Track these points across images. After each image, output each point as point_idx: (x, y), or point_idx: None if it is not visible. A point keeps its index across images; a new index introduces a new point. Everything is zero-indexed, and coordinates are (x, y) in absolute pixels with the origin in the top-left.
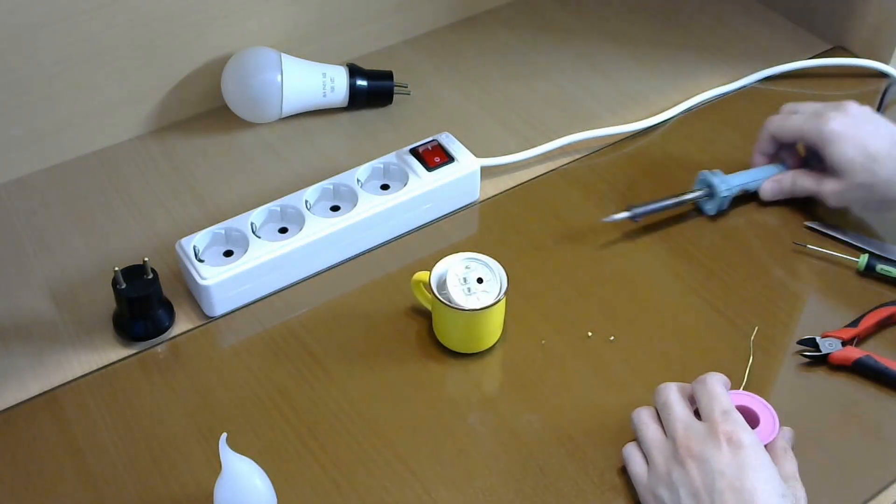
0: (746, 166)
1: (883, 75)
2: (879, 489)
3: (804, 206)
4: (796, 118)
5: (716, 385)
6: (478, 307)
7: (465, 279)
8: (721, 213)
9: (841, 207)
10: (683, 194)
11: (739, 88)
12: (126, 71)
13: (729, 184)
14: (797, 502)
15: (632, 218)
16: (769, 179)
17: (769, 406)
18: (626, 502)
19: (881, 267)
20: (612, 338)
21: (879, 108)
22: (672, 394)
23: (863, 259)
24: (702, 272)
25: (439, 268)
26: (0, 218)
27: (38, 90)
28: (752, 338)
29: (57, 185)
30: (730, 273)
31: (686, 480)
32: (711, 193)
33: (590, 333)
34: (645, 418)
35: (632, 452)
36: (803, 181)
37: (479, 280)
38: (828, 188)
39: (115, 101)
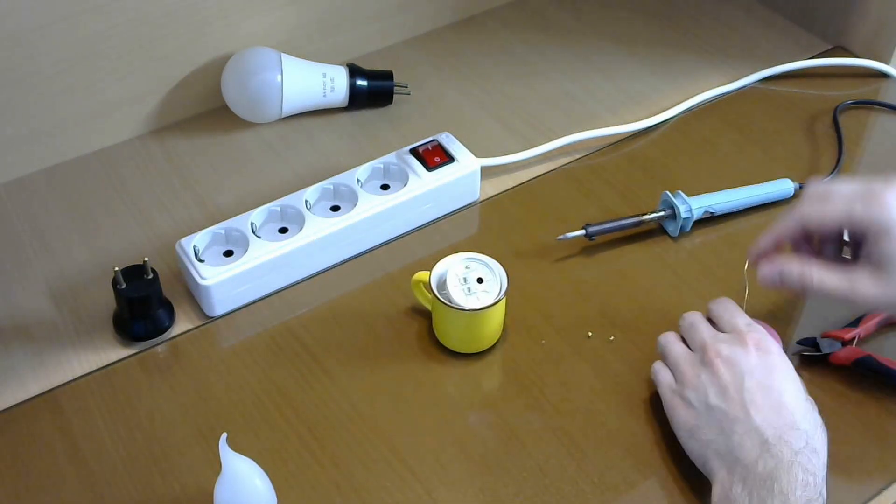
0: (745, 167)
1: (883, 75)
2: (879, 489)
3: None
4: (836, 204)
5: (732, 303)
6: (478, 307)
7: (465, 279)
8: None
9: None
10: (644, 214)
11: (739, 88)
12: (126, 71)
13: (690, 206)
14: (815, 409)
15: (587, 236)
16: (767, 264)
17: (773, 330)
18: (626, 502)
19: None
20: (612, 338)
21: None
22: (697, 316)
23: None
24: (702, 272)
25: (439, 268)
26: (0, 218)
27: (37, 90)
28: (745, 268)
29: (57, 185)
30: (730, 273)
31: (714, 379)
32: (674, 215)
33: (590, 333)
34: (672, 339)
35: (659, 368)
36: (827, 280)
37: (479, 280)
38: (866, 292)
39: (115, 101)
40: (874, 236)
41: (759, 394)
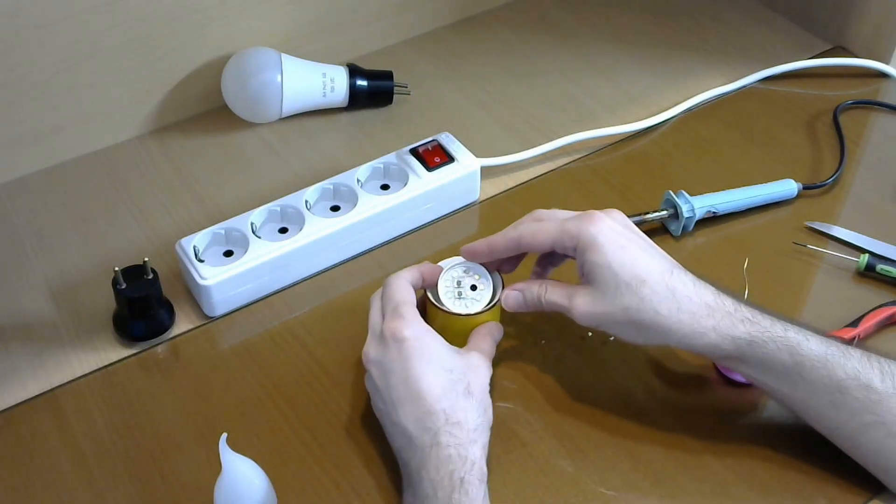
0: (745, 167)
1: (883, 75)
2: (879, 489)
3: (804, 205)
4: (551, 223)
5: (393, 283)
6: (463, 313)
7: (458, 282)
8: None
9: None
10: (646, 213)
11: (739, 88)
12: (126, 71)
13: (693, 205)
14: (466, 374)
15: None
16: (512, 288)
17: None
18: (627, 503)
19: (881, 267)
20: (611, 338)
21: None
22: (373, 302)
23: (863, 259)
24: (704, 271)
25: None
26: (0, 218)
27: (38, 90)
28: (745, 268)
29: (57, 185)
30: (730, 273)
31: (372, 386)
32: (676, 214)
33: (590, 333)
34: (375, 308)
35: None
36: (552, 295)
37: (473, 287)
38: (580, 306)
39: (115, 101)
40: (581, 249)
41: (402, 389)
